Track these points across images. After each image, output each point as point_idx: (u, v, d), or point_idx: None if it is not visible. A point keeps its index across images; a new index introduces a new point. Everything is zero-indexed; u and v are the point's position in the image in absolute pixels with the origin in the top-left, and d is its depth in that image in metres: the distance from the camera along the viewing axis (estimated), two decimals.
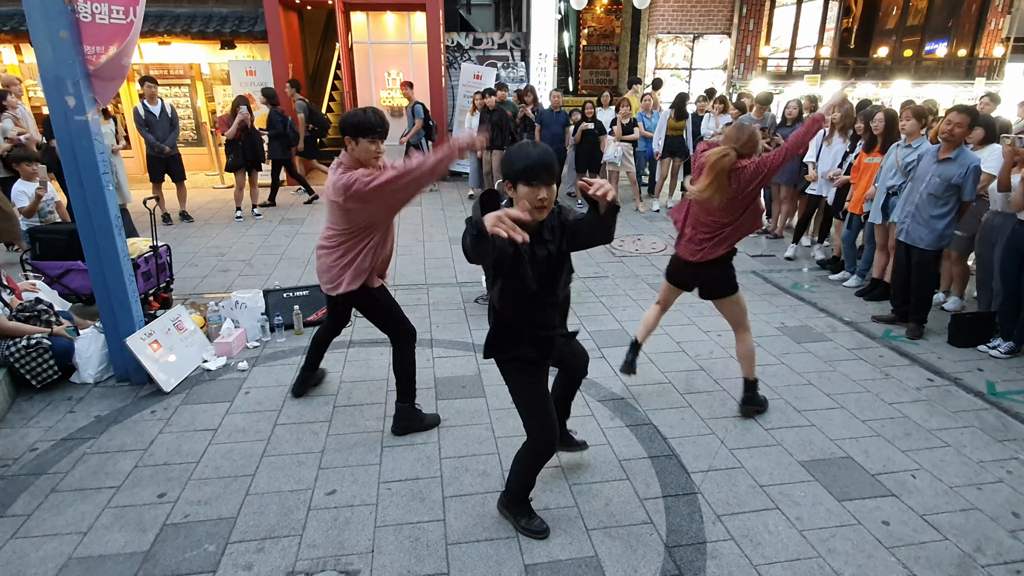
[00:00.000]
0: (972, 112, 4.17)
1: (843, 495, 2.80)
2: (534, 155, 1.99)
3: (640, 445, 3.16)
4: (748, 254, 6.69)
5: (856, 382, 3.87)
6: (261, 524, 2.58)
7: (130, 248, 4.05)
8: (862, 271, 5.64)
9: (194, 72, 10.86)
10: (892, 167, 4.84)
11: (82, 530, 2.53)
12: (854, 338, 4.54)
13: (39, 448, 3.09)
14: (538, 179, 1.99)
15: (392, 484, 2.84)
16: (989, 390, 3.79)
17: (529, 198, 2.02)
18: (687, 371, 3.98)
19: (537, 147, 2.04)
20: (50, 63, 3.13)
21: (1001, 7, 12.03)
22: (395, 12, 10.44)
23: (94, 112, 3.30)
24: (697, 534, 2.55)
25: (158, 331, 3.78)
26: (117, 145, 7.01)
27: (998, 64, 12.32)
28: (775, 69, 12.29)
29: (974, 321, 4.42)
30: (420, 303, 5.12)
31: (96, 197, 3.38)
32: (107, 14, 3.20)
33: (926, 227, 4.32)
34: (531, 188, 2.00)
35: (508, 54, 11.55)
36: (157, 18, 9.67)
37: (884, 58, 12.96)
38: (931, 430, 3.34)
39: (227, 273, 5.83)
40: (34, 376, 3.55)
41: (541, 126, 8.67)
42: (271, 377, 3.85)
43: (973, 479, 2.93)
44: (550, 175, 2.01)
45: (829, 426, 3.36)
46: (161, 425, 3.31)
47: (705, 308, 5.04)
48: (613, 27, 16.08)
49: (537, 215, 2.06)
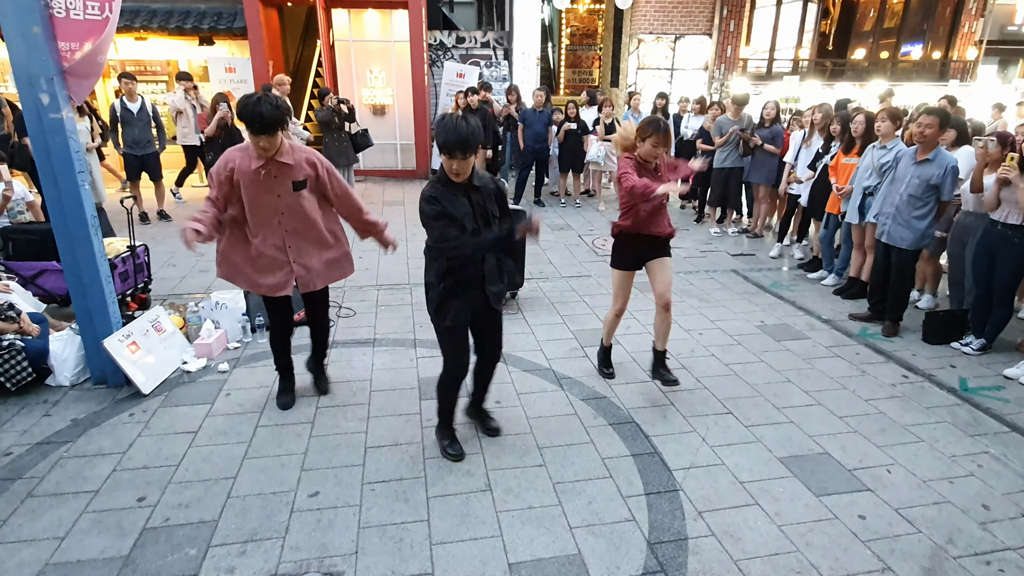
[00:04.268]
0: (941, 113, 4.27)
1: (821, 490, 2.86)
2: (452, 132, 2.44)
3: (623, 443, 3.19)
4: (729, 253, 6.77)
5: (833, 379, 3.94)
6: (243, 527, 2.56)
7: (107, 248, 3.99)
8: (839, 270, 5.74)
9: (172, 68, 10.69)
10: (868, 168, 4.93)
11: (59, 535, 2.49)
12: (831, 336, 4.62)
13: (13, 453, 3.03)
14: (450, 153, 2.47)
15: (376, 485, 2.84)
16: (961, 386, 3.88)
17: (445, 166, 2.56)
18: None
19: (459, 125, 2.45)
20: (23, 60, 3.06)
21: (975, 11, 12.30)
22: (377, 10, 10.37)
23: (69, 110, 3.24)
24: (679, 530, 2.59)
25: (136, 332, 3.72)
26: (92, 143, 6.88)
27: (971, 66, 12.60)
28: (755, 70, 12.44)
29: (947, 319, 4.53)
30: (403, 303, 5.10)
31: (71, 196, 3.31)
32: (82, 10, 3.15)
33: (907, 228, 4.41)
34: (447, 159, 2.52)
35: (491, 53, 11.54)
36: (133, 13, 9.50)
37: (861, 60, 13.19)
38: (905, 425, 3.42)
39: (207, 273, 5.75)
40: (8, 379, 3.47)
41: (524, 125, 8.69)
42: (252, 378, 3.82)
43: (945, 473, 3.01)
44: (463, 151, 2.47)
45: (807, 422, 3.43)
46: (140, 428, 3.26)
47: (686, 307, 5.11)
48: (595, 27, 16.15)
49: (454, 179, 2.58)
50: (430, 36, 11.05)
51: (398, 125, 10.82)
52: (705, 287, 5.66)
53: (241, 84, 9.48)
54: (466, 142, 2.46)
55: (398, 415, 3.43)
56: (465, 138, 2.46)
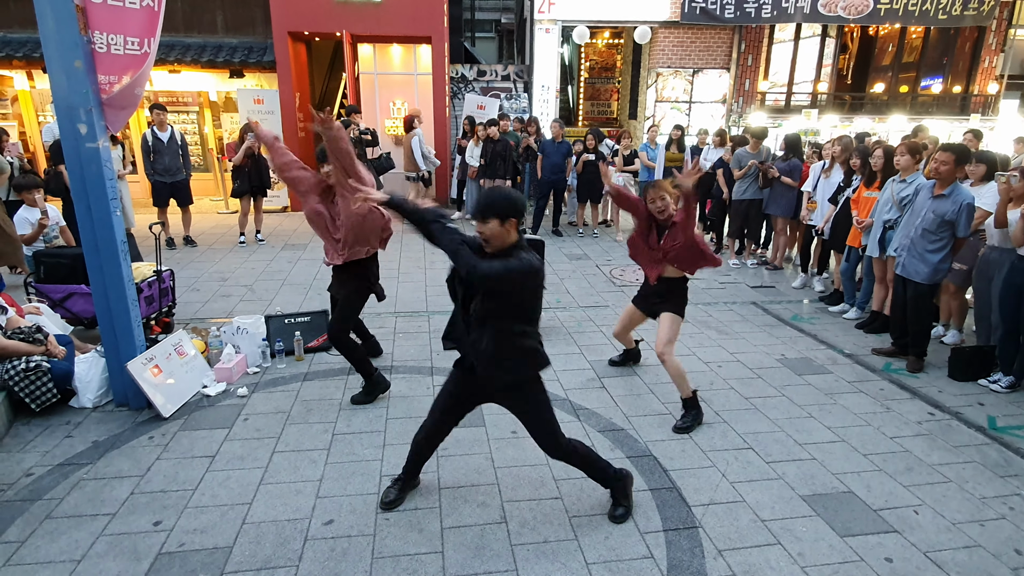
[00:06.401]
0: (958, 150, 4.25)
1: (845, 531, 2.78)
2: (477, 201, 2.44)
3: (640, 477, 3.14)
4: (748, 285, 6.72)
5: (857, 415, 3.85)
6: (257, 554, 2.55)
7: (134, 272, 4.08)
8: (861, 303, 5.66)
9: (202, 99, 11.06)
10: (888, 201, 4.90)
11: (76, 558, 2.50)
12: (854, 371, 4.54)
13: (35, 473, 3.07)
14: (476, 217, 2.42)
15: (390, 515, 2.82)
16: (990, 425, 3.77)
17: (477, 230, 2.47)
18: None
19: (485, 194, 2.44)
20: (64, 91, 3.20)
21: (995, 45, 12.29)
22: (401, 44, 10.68)
23: (105, 139, 3.36)
24: (698, 569, 2.52)
25: (159, 356, 3.78)
26: (123, 170, 7.10)
27: (992, 100, 12.53)
28: (773, 103, 12.50)
29: (974, 355, 4.42)
30: (421, 331, 5.13)
31: (104, 222, 3.42)
32: (122, 45, 3.29)
33: (921, 261, 4.35)
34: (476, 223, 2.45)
35: (511, 85, 11.77)
36: (168, 47, 9.87)
37: (880, 93, 13.20)
38: (933, 465, 3.32)
39: (229, 298, 5.85)
40: (33, 400, 3.54)
41: (543, 156, 8.80)
42: (270, 404, 3.84)
43: (976, 515, 2.91)
44: (481, 216, 2.39)
45: (830, 460, 3.34)
46: (159, 451, 3.29)
47: (705, 339, 5.06)
48: (614, 60, 16.40)
49: (485, 246, 2.46)
50: (452, 69, 11.32)
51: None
52: (724, 319, 5.61)
53: (269, 115, 9.75)
54: (483, 208, 2.39)
55: None
56: (482, 206, 2.40)
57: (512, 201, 2.39)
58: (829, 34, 12.41)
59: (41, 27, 3.11)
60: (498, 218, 2.36)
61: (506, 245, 2.41)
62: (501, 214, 2.36)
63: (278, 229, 8.92)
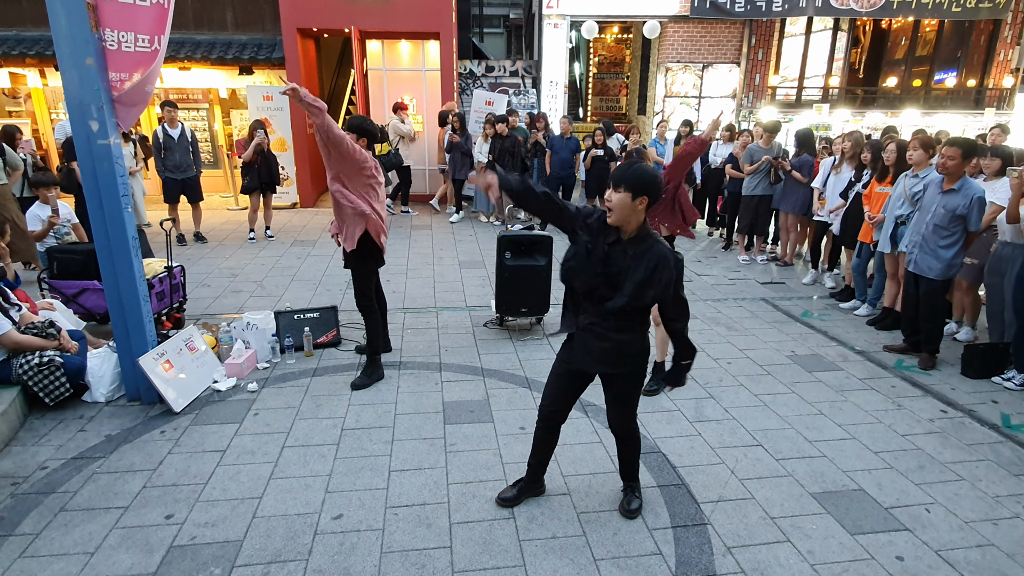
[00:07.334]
0: (964, 144, 4.19)
1: (856, 529, 2.76)
2: (615, 169, 2.40)
3: (649, 474, 3.13)
4: (758, 281, 6.68)
5: (868, 412, 3.83)
6: (267, 548, 2.57)
7: (145, 268, 4.12)
8: (873, 300, 5.61)
9: (212, 96, 11.12)
10: (900, 196, 4.85)
11: (89, 550, 2.53)
12: (865, 368, 4.50)
13: (49, 466, 3.11)
14: (609, 185, 2.39)
15: (399, 509, 2.83)
16: (1004, 423, 3.73)
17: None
18: (696, 399, 3.95)
19: (625, 165, 2.36)
20: (75, 88, 3.23)
21: (1010, 39, 12.11)
22: (410, 40, 10.67)
23: (116, 136, 3.38)
24: (707, 566, 2.51)
25: (170, 351, 3.81)
26: (135, 167, 7.16)
27: (1008, 94, 12.35)
28: (784, 98, 12.39)
29: (987, 352, 4.37)
30: (429, 326, 5.14)
31: (115, 219, 3.45)
32: (133, 43, 3.31)
33: (934, 257, 4.31)
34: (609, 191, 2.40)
35: (520, 81, 11.74)
36: (178, 44, 9.93)
37: (893, 87, 13.04)
38: (945, 463, 3.29)
39: (239, 294, 5.89)
40: (47, 394, 3.58)
41: (551, 152, 8.77)
42: (280, 399, 3.87)
43: (989, 514, 2.88)
44: (615, 184, 2.32)
45: (841, 457, 3.32)
46: (170, 445, 3.32)
47: (714, 335, 5.04)
48: (623, 55, 16.32)
49: (608, 216, 2.38)
50: (460, 65, 11.30)
51: (427, 151, 11.03)
52: (734, 315, 5.58)
53: (278, 112, 9.79)
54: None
55: (422, 439, 3.43)
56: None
57: (652, 179, 2.29)
58: (841, 27, 12.28)
59: (53, 25, 3.14)
60: (631, 192, 2.27)
61: (632, 226, 2.35)
62: (636, 189, 2.26)
63: (288, 225, 8.97)
